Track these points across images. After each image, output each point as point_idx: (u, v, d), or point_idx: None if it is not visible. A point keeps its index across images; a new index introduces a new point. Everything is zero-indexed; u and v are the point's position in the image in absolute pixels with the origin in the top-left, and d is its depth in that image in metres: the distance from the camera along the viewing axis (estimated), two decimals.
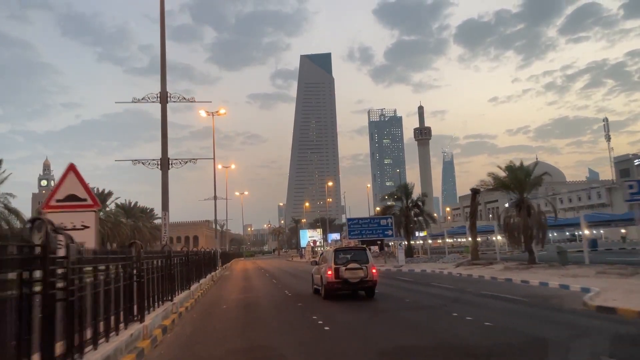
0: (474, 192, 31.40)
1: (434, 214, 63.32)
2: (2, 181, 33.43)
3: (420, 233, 53.30)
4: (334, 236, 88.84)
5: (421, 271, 29.85)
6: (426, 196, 49.20)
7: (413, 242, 48.86)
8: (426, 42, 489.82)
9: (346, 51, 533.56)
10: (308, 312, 13.15)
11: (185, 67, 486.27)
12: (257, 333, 10.44)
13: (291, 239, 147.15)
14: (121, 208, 77.14)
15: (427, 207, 51.45)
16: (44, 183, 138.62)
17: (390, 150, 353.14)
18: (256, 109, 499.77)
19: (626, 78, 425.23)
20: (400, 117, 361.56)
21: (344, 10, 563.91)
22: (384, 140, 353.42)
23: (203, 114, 38.88)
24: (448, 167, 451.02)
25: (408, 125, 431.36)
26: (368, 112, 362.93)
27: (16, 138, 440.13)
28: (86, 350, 6.10)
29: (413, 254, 44.85)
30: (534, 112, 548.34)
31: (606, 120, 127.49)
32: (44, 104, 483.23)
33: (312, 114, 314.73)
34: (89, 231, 7.04)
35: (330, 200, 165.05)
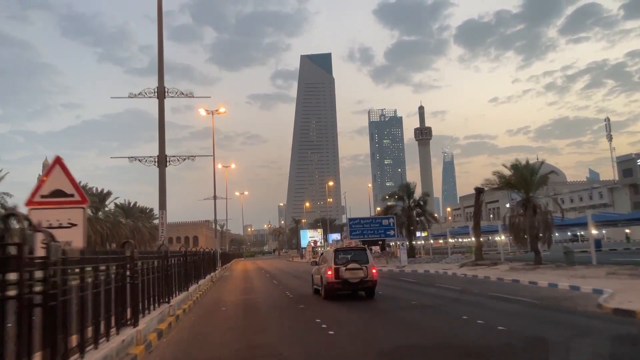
0: (478, 192, 30.81)
1: (435, 214, 62.73)
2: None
3: (420, 233, 52.80)
4: (335, 236, 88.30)
5: (424, 272, 29.33)
6: (428, 195, 48.70)
7: (414, 243, 48.30)
8: (426, 43, 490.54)
9: (346, 51, 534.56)
10: (311, 315, 12.65)
11: (185, 68, 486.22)
12: (258, 337, 9.93)
13: (291, 239, 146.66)
14: (120, 208, 76.67)
15: (429, 207, 50.88)
16: None
17: (390, 150, 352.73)
18: (256, 110, 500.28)
19: (626, 78, 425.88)
20: (400, 118, 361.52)
21: (344, 10, 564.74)
22: (384, 140, 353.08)
23: (203, 113, 38.17)
24: (448, 168, 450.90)
25: (408, 125, 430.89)
26: (368, 112, 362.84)
27: (16, 138, 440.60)
28: (71, 359, 5.59)
29: (415, 255, 44.35)
30: (534, 113, 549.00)
31: (608, 120, 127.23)
32: (44, 104, 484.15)
33: (313, 114, 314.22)
34: (77, 229, 6.51)
35: (330, 200, 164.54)
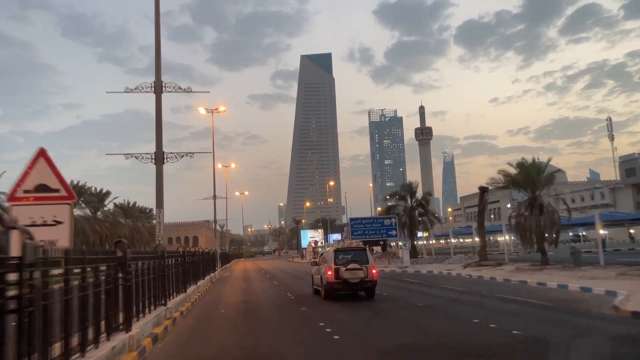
0: (482, 191, 30.26)
1: (437, 215, 62.10)
2: None
3: (421, 234, 52.23)
4: (335, 237, 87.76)
5: (428, 272, 28.79)
6: (430, 195, 48.18)
7: (416, 243, 47.76)
8: (426, 43, 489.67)
9: (346, 52, 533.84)
10: (313, 318, 12.13)
11: (185, 68, 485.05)
12: (259, 342, 9.40)
13: (291, 240, 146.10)
14: (120, 208, 76.09)
15: (430, 208, 50.31)
16: None
17: (390, 150, 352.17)
18: (256, 110, 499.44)
19: (626, 79, 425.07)
20: (400, 118, 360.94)
21: (344, 10, 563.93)
22: (385, 140, 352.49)
23: (202, 111, 37.74)
24: (448, 168, 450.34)
25: (408, 125, 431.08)
26: (368, 113, 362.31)
27: (16, 139, 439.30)
28: None
29: (417, 255, 43.80)
30: (535, 113, 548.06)
31: (609, 119, 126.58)
32: (44, 105, 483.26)
33: (313, 114, 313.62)
34: (63, 227, 5.99)
35: (331, 200, 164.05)
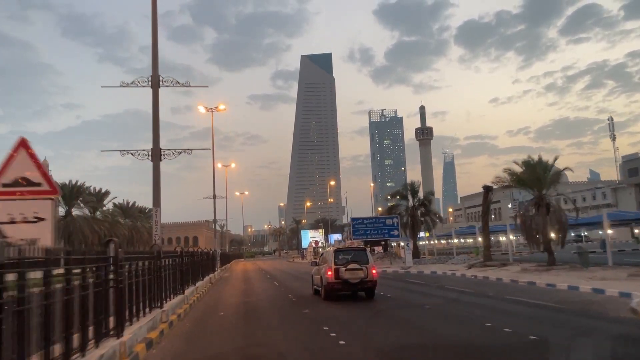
0: (487, 190, 29.68)
1: (439, 214, 61.54)
2: None
3: (422, 234, 51.68)
4: (336, 237, 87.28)
5: (431, 273, 28.26)
6: (432, 194, 47.62)
7: (417, 243, 47.18)
8: (427, 43, 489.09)
9: (346, 52, 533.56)
10: (316, 321, 11.58)
11: (185, 68, 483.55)
12: (260, 347, 8.87)
13: (292, 240, 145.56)
14: (119, 208, 75.60)
15: (432, 207, 49.73)
16: None
17: (390, 151, 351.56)
18: (256, 110, 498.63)
19: (627, 79, 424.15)
20: (400, 118, 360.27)
21: (345, 11, 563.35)
22: (385, 140, 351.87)
23: (202, 110, 37.42)
24: (449, 168, 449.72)
25: (409, 126, 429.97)
26: (369, 113, 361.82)
27: (16, 139, 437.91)
28: None
29: (419, 255, 43.23)
30: (535, 113, 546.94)
31: (611, 119, 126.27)
32: (45, 105, 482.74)
33: (313, 115, 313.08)
34: (44, 225, 5.46)
35: (331, 200, 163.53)
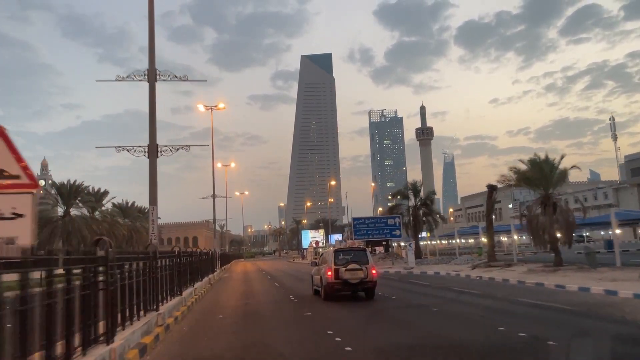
0: (491, 189, 29.14)
1: (442, 214, 61.07)
2: None
3: (423, 234, 51.11)
4: (336, 237, 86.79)
5: (435, 273, 27.73)
6: (435, 194, 47.08)
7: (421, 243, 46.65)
8: (427, 44, 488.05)
9: (347, 52, 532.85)
10: (320, 324, 11.04)
11: (185, 68, 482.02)
12: (261, 354, 8.34)
13: (292, 240, 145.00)
14: (118, 208, 75.05)
15: (434, 207, 49.18)
16: (42, 183, 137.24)
17: (390, 151, 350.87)
18: (256, 110, 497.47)
19: (627, 79, 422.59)
20: (400, 118, 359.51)
21: (345, 11, 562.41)
22: (385, 141, 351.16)
23: (201, 109, 37.09)
24: (449, 169, 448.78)
25: (409, 126, 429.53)
26: (369, 113, 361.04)
27: (16, 139, 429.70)
28: None
29: (421, 255, 42.70)
30: (535, 114, 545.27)
31: (612, 119, 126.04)
32: (45, 105, 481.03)
33: (313, 115, 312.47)
34: (23, 222, 4.94)
35: (332, 200, 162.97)
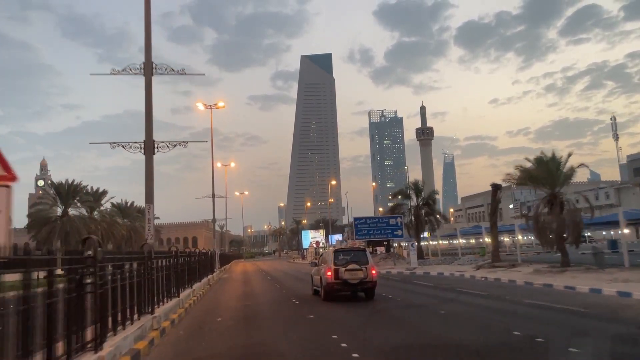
0: (495, 188, 28.60)
1: (444, 214, 60.44)
2: None
3: (423, 234, 50.57)
4: (336, 237, 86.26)
5: (438, 274, 27.22)
6: (437, 193, 46.59)
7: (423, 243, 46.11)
8: (426, 44, 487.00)
9: (346, 53, 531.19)
10: (324, 328, 10.53)
11: (185, 69, 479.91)
12: None
13: (292, 240, 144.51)
14: (117, 208, 74.58)
15: (435, 207, 48.65)
16: (41, 183, 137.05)
17: (390, 151, 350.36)
18: (256, 111, 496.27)
19: (626, 80, 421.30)
20: (400, 118, 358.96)
21: (344, 11, 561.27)
22: (385, 141, 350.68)
23: (201, 107, 36.86)
24: (449, 169, 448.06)
25: (409, 126, 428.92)
26: (369, 113, 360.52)
27: (16, 139, 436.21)
28: None
29: (423, 256, 42.20)
30: (535, 114, 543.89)
31: (614, 119, 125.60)
32: (44, 105, 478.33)
33: (313, 115, 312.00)
34: None
35: (332, 200, 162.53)
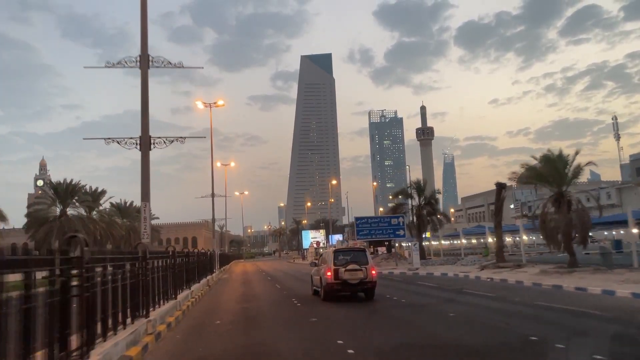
0: (500, 187, 28.09)
1: (446, 214, 59.89)
2: None
3: (424, 234, 50.07)
4: (337, 237, 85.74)
5: (442, 275, 26.69)
6: (439, 192, 46.07)
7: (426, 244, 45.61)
8: (426, 44, 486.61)
9: (346, 53, 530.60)
10: (328, 333, 10.00)
11: (185, 69, 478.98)
12: None
13: (292, 241, 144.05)
14: (116, 207, 74.09)
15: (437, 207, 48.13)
16: (40, 183, 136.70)
17: (390, 151, 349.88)
18: (256, 111, 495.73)
19: (626, 80, 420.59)
20: (400, 119, 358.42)
21: (344, 11, 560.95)
22: (385, 141, 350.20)
23: (200, 105, 36.75)
24: (449, 169, 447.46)
25: (409, 126, 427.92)
26: (369, 113, 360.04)
27: (16, 140, 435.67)
28: None
29: (425, 256, 41.69)
30: (534, 114, 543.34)
31: (615, 119, 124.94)
32: (45, 106, 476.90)
33: (313, 115, 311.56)
34: None
35: (332, 200, 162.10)
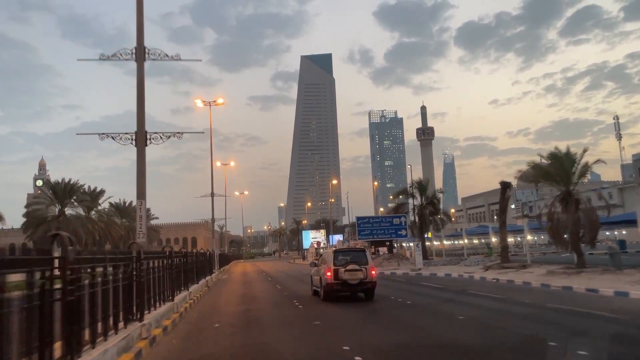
0: (504, 186, 27.56)
1: (448, 214, 59.38)
2: None
3: (425, 234, 49.54)
4: (337, 237, 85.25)
5: (445, 275, 26.17)
6: (442, 192, 45.56)
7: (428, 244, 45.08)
8: (426, 44, 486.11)
9: (346, 53, 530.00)
10: (333, 337, 9.49)
11: (185, 69, 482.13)
12: None
13: (292, 241, 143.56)
14: (115, 207, 73.62)
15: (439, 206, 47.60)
16: (39, 183, 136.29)
17: (390, 152, 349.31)
18: (256, 111, 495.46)
19: (626, 80, 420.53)
20: (401, 119, 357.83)
21: (344, 12, 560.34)
22: (385, 141, 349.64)
23: (199, 104, 36.64)
24: (449, 169, 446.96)
25: (409, 127, 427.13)
26: (369, 113, 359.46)
27: (16, 140, 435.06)
28: None
29: (428, 256, 41.17)
30: (534, 114, 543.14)
31: (617, 118, 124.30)
32: (45, 106, 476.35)
33: (313, 115, 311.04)
34: None
35: (332, 200, 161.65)
